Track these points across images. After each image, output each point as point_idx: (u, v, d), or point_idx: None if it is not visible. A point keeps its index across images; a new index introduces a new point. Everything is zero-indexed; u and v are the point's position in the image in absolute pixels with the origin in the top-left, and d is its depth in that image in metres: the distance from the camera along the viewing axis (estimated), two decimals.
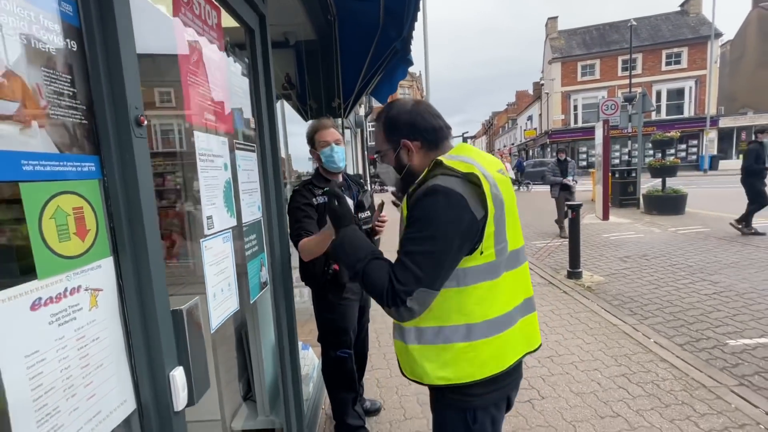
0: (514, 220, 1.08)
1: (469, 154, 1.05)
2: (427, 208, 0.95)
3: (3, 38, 0.52)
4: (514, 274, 1.07)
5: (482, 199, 0.94)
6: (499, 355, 1.02)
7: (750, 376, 2.65)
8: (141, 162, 0.73)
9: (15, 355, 0.52)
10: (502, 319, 1.02)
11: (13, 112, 0.53)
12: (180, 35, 1.04)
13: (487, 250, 0.98)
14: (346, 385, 2.11)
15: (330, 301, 1.99)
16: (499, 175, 1.05)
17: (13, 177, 0.53)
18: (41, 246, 0.56)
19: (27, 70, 0.56)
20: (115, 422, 0.70)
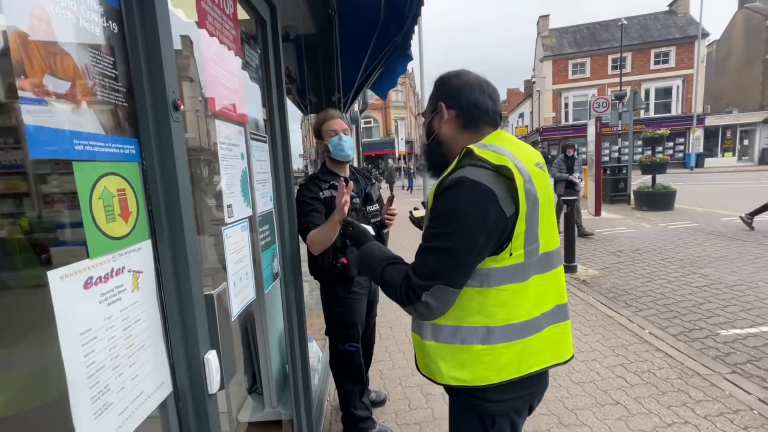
0: (550, 219, 0.99)
1: (505, 144, 0.96)
2: (451, 202, 0.89)
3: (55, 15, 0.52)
4: (545, 277, 0.98)
5: (513, 195, 0.87)
6: (518, 361, 0.96)
7: (742, 364, 2.74)
8: (178, 146, 0.73)
9: (72, 332, 0.52)
10: (527, 324, 0.95)
11: (66, 91, 0.53)
12: (202, 21, 1.04)
13: (517, 251, 0.91)
14: (354, 377, 2.13)
15: (338, 295, 1.99)
16: (536, 169, 0.96)
17: (67, 155, 0.53)
18: (92, 225, 0.57)
19: (76, 50, 0.56)
20: (155, 404, 0.71)
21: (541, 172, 0.98)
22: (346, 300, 2.00)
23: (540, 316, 0.97)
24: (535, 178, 0.92)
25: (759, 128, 24.67)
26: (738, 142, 25.67)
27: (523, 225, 0.89)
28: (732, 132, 25.67)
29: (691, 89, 25.12)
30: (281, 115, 1.67)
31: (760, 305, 3.65)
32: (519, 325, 0.94)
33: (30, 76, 0.47)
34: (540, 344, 0.98)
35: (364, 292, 2.07)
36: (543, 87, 28.63)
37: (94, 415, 0.55)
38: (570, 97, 27.91)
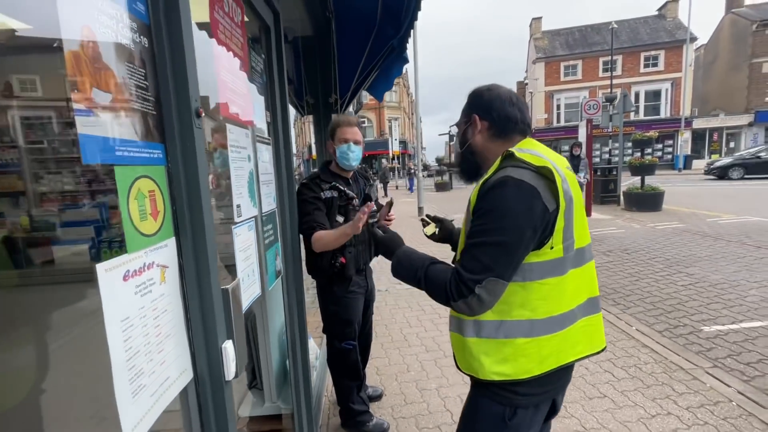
0: (582, 217, 1.05)
1: (539, 149, 1.04)
2: (498, 199, 0.94)
3: (99, 33, 0.58)
4: (579, 271, 1.04)
5: (554, 193, 0.94)
6: (558, 352, 1.01)
7: (723, 359, 2.86)
8: (200, 150, 0.79)
9: (115, 319, 0.58)
10: (565, 316, 1.01)
11: (109, 103, 0.59)
12: (214, 29, 1.09)
13: (557, 245, 0.97)
14: (351, 374, 2.18)
15: (336, 294, 2.04)
16: (567, 171, 1.04)
17: (110, 160, 0.59)
18: (129, 223, 0.62)
19: (116, 64, 0.61)
20: (179, 388, 0.76)
21: (571, 174, 1.04)
22: (343, 299, 2.04)
23: (576, 308, 1.03)
24: (569, 179, 1.00)
25: (744, 131, 25.24)
26: (724, 145, 26.23)
27: (562, 221, 0.96)
28: (719, 134, 26.23)
29: (679, 92, 25.62)
30: (284, 118, 1.73)
31: (741, 303, 3.79)
32: (559, 317, 1.00)
33: (81, 91, 0.53)
34: (576, 335, 1.03)
35: (361, 291, 2.12)
36: (535, 88, 28.93)
37: (132, 394, 0.61)
38: (562, 99, 28.27)
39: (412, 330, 3.55)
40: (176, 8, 0.73)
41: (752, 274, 4.58)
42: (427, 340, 3.34)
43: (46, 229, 1.69)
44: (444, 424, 2.26)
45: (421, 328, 3.57)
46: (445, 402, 2.47)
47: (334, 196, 1.93)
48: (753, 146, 24.38)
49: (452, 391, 2.57)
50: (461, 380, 2.69)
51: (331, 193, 1.93)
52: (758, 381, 2.57)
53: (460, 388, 2.60)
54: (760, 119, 24.48)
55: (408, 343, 3.31)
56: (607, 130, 13.00)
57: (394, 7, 3.04)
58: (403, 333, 3.50)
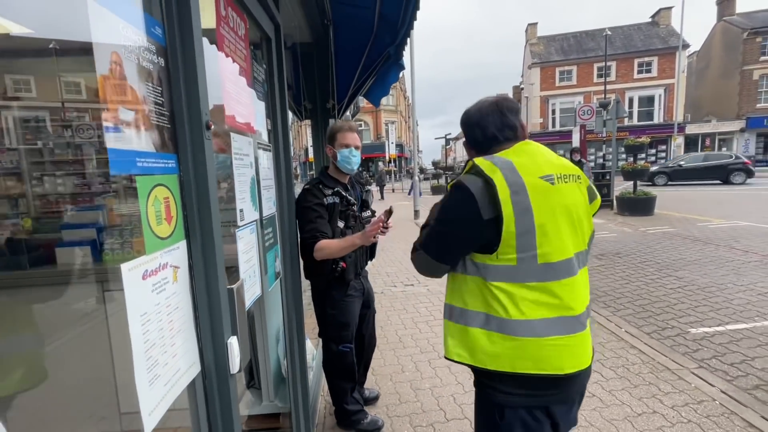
0: (565, 229, 1.03)
1: (517, 156, 1.06)
2: (447, 198, 1.11)
3: (125, 58, 0.65)
4: (546, 286, 1.02)
5: (497, 203, 0.97)
6: (513, 357, 1.02)
7: (708, 360, 2.95)
8: (209, 160, 0.85)
9: (135, 314, 0.65)
10: (518, 323, 1.01)
11: (132, 119, 0.66)
12: (220, 43, 1.16)
13: (505, 255, 1.00)
14: (347, 376, 2.21)
15: (334, 298, 2.07)
16: (539, 182, 1.01)
17: (132, 171, 0.65)
18: (148, 227, 0.69)
19: (138, 84, 0.68)
20: (188, 380, 0.83)
21: (547, 185, 1.02)
22: (341, 302, 2.08)
23: (535, 321, 1.01)
24: (535, 189, 1.00)
25: (736, 137, 25.62)
26: (716, 150, 26.60)
27: (512, 231, 0.98)
28: (711, 140, 26.60)
29: (672, 98, 25.98)
30: (284, 126, 1.80)
31: (727, 305, 3.90)
32: (511, 322, 1.01)
33: (111, 110, 0.60)
34: (537, 349, 1.01)
35: (358, 294, 2.16)
36: (531, 93, 29.21)
37: (149, 383, 0.67)
38: (557, 104, 28.56)
39: (407, 331, 3.62)
40: (190, 31, 0.80)
41: (739, 277, 4.70)
42: (422, 341, 3.40)
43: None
44: (437, 423, 2.33)
45: (416, 330, 3.64)
46: (438, 401, 2.53)
47: (336, 202, 1.97)
48: (744, 152, 24.77)
49: (445, 391, 2.64)
50: (454, 380, 2.76)
51: (333, 198, 1.97)
52: (741, 381, 2.65)
53: (453, 388, 2.66)
54: (752, 125, 24.89)
55: (403, 344, 3.37)
56: (601, 135, 13.19)
57: (390, 16, 3.12)
58: (398, 334, 3.56)
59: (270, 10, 1.64)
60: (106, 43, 0.60)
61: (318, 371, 2.81)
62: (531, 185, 1.00)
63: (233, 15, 1.28)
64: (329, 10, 3.38)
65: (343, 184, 2.07)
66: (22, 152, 2.30)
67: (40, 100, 2.32)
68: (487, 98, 1.21)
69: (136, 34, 0.68)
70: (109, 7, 0.60)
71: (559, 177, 1.05)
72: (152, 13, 0.75)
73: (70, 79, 2.15)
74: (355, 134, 2.03)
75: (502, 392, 1.07)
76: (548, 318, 1.02)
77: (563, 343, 1.03)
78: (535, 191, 1.00)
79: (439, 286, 4.94)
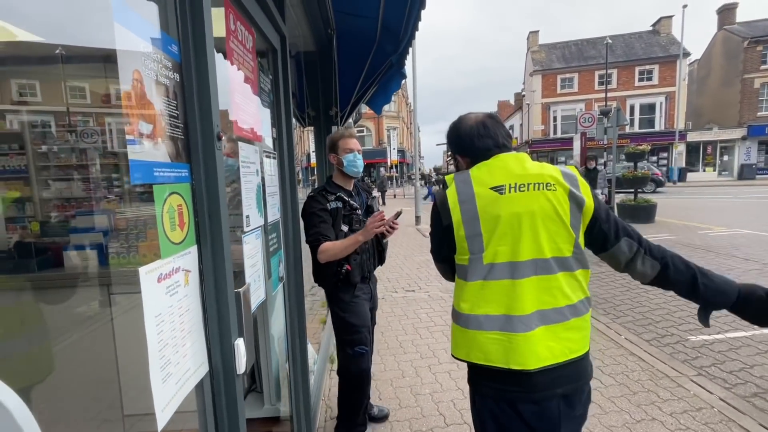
0: (511, 235, 1.10)
1: (478, 168, 1.18)
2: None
3: (145, 76, 0.69)
4: (492, 284, 1.11)
5: (446, 209, 1.15)
6: (467, 347, 1.15)
7: (707, 367, 2.96)
8: (219, 169, 0.90)
9: (151, 314, 0.68)
10: (467, 317, 1.15)
11: (150, 132, 0.70)
12: (230, 56, 1.21)
13: (461, 254, 1.16)
14: (360, 384, 2.15)
15: (343, 300, 2.08)
16: (489, 192, 1.11)
17: (150, 180, 0.70)
18: (163, 233, 0.73)
19: (156, 99, 0.73)
20: (197, 379, 0.86)
21: (495, 195, 1.11)
22: (350, 304, 2.09)
23: (481, 316, 1.12)
24: (483, 199, 1.12)
25: (738, 145, 25.65)
26: (718, 158, 26.62)
27: (462, 234, 1.13)
28: (712, 148, 26.64)
29: (673, 106, 26.07)
30: (288, 134, 1.85)
31: (726, 313, 3.87)
32: (464, 315, 1.16)
33: (133, 124, 0.64)
34: (486, 343, 1.11)
35: (366, 297, 2.16)
36: (532, 100, 29.35)
37: (162, 380, 0.71)
38: (558, 111, 28.67)
39: (407, 337, 3.64)
40: (203, 48, 0.85)
41: None
42: (422, 347, 3.42)
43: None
44: (437, 428, 2.35)
45: (416, 336, 3.66)
46: (438, 406, 2.55)
47: (339, 207, 2.03)
48: (746, 160, 24.79)
49: (445, 396, 2.65)
50: (454, 386, 2.77)
51: (336, 203, 2.04)
52: (739, 388, 2.67)
53: (453, 394, 2.68)
54: (753, 133, 24.92)
55: (403, 349, 3.39)
56: (602, 143, 13.24)
57: (393, 26, 3.19)
58: (398, 340, 3.58)
59: (276, 22, 1.70)
60: (129, 62, 0.65)
61: (318, 375, 2.84)
62: (479, 195, 1.13)
63: (242, 28, 1.33)
64: (333, 20, 3.46)
65: (347, 191, 2.12)
66: (30, 156, 2.35)
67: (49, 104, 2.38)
68: (470, 114, 1.31)
69: (155, 52, 0.73)
70: (132, 29, 0.65)
71: (513, 186, 1.12)
72: (169, 32, 0.80)
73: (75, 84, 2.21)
74: (355, 140, 2.11)
75: (475, 382, 1.22)
76: (490, 314, 1.12)
77: (505, 339, 1.10)
78: (482, 200, 1.12)
79: (440, 292, 4.96)
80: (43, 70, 2.07)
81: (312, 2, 2.89)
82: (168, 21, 0.81)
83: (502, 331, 1.11)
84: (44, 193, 2.38)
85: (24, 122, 2.29)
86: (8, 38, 1.22)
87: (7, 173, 2.28)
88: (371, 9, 2.92)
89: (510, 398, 1.13)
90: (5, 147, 2.27)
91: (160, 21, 0.80)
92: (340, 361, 2.18)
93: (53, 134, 2.47)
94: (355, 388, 2.16)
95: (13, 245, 2.22)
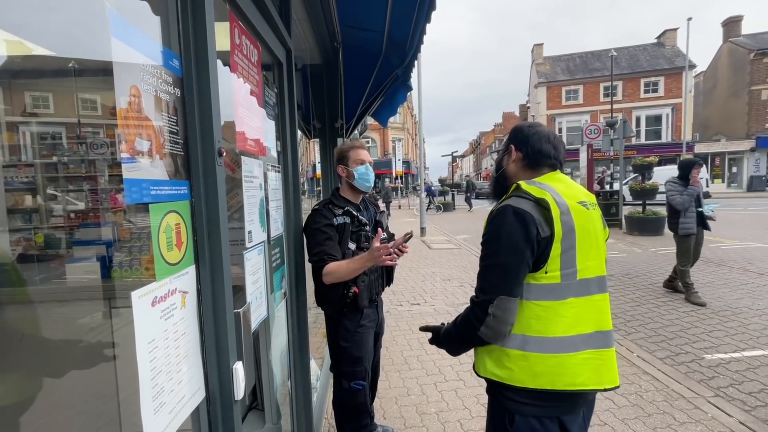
0: (594, 251, 1.12)
1: (553, 183, 1.15)
2: (499, 225, 1.09)
3: (144, 91, 0.67)
4: (584, 301, 1.09)
5: (550, 221, 1.05)
6: (554, 374, 1.06)
7: (725, 388, 2.84)
8: (220, 186, 0.87)
9: (143, 341, 0.65)
10: (561, 340, 1.06)
11: (148, 149, 0.67)
12: (234, 71, 1.20)
13: (552, 271, 1.06)
14: (357, 419, 2.05)
15: (347, 329, 1.94)
16: (578, 206, 1.11)
17: (145, 200, 0.67)
18: (159, 254, 0.70)
19: (154, 115, 0.70)
20: (193, 406, 0.82)
21: (583, 209, 1.13)
22: (355, 334, 1.93)
23: (576, 336, 1.08)
24: (575, 212, 1.09)
25: (746, 156, 25.39)
26: (727, 170, 26.35)
27: (559, 249, 1.06)
28: (721, 159, 26.39)
29: (680, 117, 25.96)
30: (293, 148, 1.83)
31: (743, 330, 3.78)
32: (553, 339, 1.06)
33: (128, 142, 0.62)
34: (577, 365, 1.07)
35: (372, 325, 2.02)
36: (537, 112, 29.41)
37: (154, 411, 0.67)
38: (564, 122, 28.68)
39: (412, 352, 3.56)
40: (206, 63, 0.83)
41: (755, 301, 4.57)
42: (428, 363, 3.34)
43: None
44: None
45: (422, 351, 3.58)
46: (445, 427, 2.47)
47: (347, 222, 1.89)
48: (755, 171, 24.47)
49: (452, 416, 2.57)
50: (461, 405, 2.69)
51: (343, 219, 1.89)
52: (760, 411, 2.55)
53: (461, 413, 2.60)
54: (762, 144, 24.67)
55: (408, 366, 3.31)
56: (608, 154, 13.17)
57: (399, 39, 3.20)
58: (403, 355, 3.51)
59: (282, 36, 1.69)
60: (127, 77, 0.63)
61: (322, 392, 2.77)
62: (573, 208, 1.09)
63: (247, 42, 1.32)
64: (339, 34, 3.48)
65: (355, 205, 1.98)
66: (37, 167, 2.36)
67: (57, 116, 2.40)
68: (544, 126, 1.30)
69: (155, 67, 0.70)
70: (131, 45, 0.63)
71: (591, 204, 1.17)
72: (170, 47, 0.78)
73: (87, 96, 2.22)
74: (366, 151, 1.99)
75: (515, 401, 1.12)
76: (588, 333, 1.09)
77: (600, 357, 1.10)
78: (576, 213, 1.09)
79: (446, 305, 4.88)
80: (57, 82, 2.09)
81: (318, 16, 2.91)
82: (170, 35, 0.79)
83: (596, 349, 1.09)
84: (51, 204, 2.38)
85: (33, 133, 2.30)
86: (24, 52, 1.22)
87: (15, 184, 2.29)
88: (377, 23, 2.93)
89: (557, 413, 1.11)
90: (15, 158, 2.29)
91: (162, 35, 0.78)
92: (335, 392, 2.06)
93: (63, 145, 2.49)
94: (349, 420, 2.06)
95: (16, 257, 2.21)
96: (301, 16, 2.78)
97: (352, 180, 1.95)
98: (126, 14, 0.64)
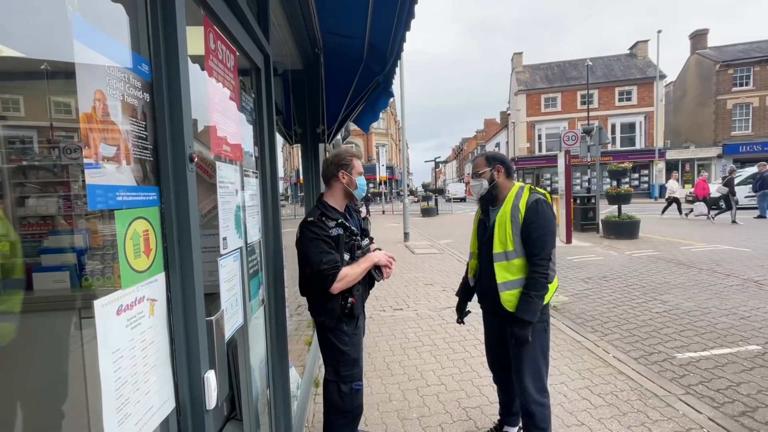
0: None
1: (533, 187, 2.02)
2: (543, 210, 1.90)
3: (109, 96, 0.66)
4: None
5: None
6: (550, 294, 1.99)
7: (695, 386, 2.95)
8: (191, 192, 0.86)
9: (107, 351, 0.63)
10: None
11: (113, 155, 0.66)
12: (209, 73, 1.19)
13: None
14: (352, 422, 2.06)
15: (346, 334, 1.97)
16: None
17: (112, 206, 0.65)
18: (125, 262, 0.68)
19: (121, 120, 0.69)
20: (161, 418, 0.80)
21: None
22: (353, 338, 1.99)
23: None
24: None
25: (714, 162, 26.57)
26: (696, 175, 27.49)
27: None
28: (690, 165, 27.53)
29: (652, 125, 27.02)
30: (271, 153, 1.82)
31: (711, 330, 3.94)
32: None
33: (92, 147, 0.61)
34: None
35: (362, 328, 2.08)
36: (518, 119, 30.08)
37: (118, 423, 0.65)
38: (543, 129, 29.42)
39: (394, 358, 3.55)
40: (176, 68, 0.82)
41: (722, 301, 4.77)
42: (410, 368, 3.34)
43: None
44: None
45: (404, 356, 3.58)
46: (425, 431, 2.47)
47: (341, 234, 1.90)
48: (723, 176, 25.59)
49: (433, 421, 2.57)
50: (443, 409, 2.70)
51: (337, 230, 1.89)
52: (728, 407, 2.65)
53: (442, 417, 2.60)
54: (728, 152, 25.90)
55: (390, 371, 3.30)
56: (585, 160, 13.56)
57: (379, 47, 3.24)
58: (386, 361, 3.50)
59: (259, 41, 1.69)
60: (91, 81, 0.61)
61: (302, 401, 2.73)
62: None
63: (222, 47, 1.31)
64: (320, 40, 3.49)
65: (343, 214, 2.00)
66: (4, 172, 2.26)
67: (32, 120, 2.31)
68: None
69: (122, 72, 0.69)
70: (95, 48, 0.62)
71: None
72: (140, 51, 0.77)
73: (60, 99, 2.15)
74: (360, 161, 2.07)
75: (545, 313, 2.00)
76: None
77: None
78: None
79: (428, 310, 4.90)
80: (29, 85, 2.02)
81: (299, 22, 2.91)
82: (140, 40, 0.79)
83: None
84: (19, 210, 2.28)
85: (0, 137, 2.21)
86: None
87: None
88: (358, 30, 2.95)
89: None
90: None
91: (131, 39, 0.77)
92: (331, 397, 2.03)
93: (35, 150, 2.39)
94: (345, 425, 2.05)
95: None
96: (281, 22, 2.78)
97: (353, 188, 1.98)
98: (92, 18, 0.63)
